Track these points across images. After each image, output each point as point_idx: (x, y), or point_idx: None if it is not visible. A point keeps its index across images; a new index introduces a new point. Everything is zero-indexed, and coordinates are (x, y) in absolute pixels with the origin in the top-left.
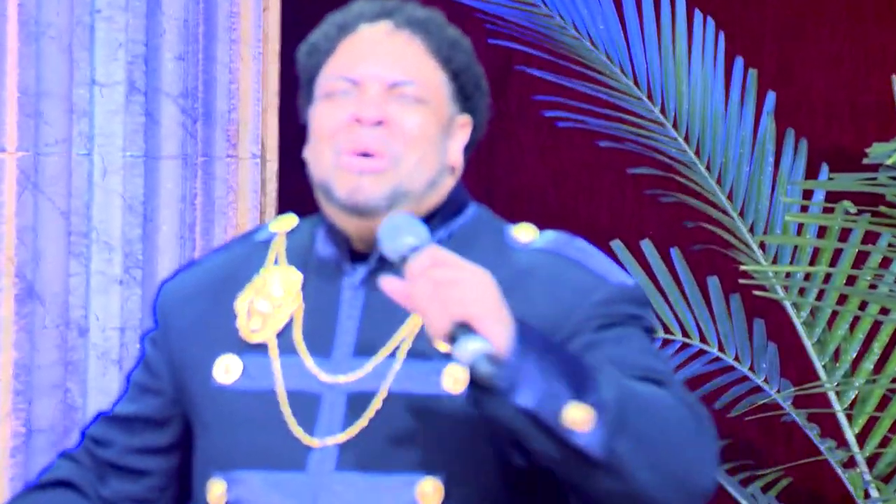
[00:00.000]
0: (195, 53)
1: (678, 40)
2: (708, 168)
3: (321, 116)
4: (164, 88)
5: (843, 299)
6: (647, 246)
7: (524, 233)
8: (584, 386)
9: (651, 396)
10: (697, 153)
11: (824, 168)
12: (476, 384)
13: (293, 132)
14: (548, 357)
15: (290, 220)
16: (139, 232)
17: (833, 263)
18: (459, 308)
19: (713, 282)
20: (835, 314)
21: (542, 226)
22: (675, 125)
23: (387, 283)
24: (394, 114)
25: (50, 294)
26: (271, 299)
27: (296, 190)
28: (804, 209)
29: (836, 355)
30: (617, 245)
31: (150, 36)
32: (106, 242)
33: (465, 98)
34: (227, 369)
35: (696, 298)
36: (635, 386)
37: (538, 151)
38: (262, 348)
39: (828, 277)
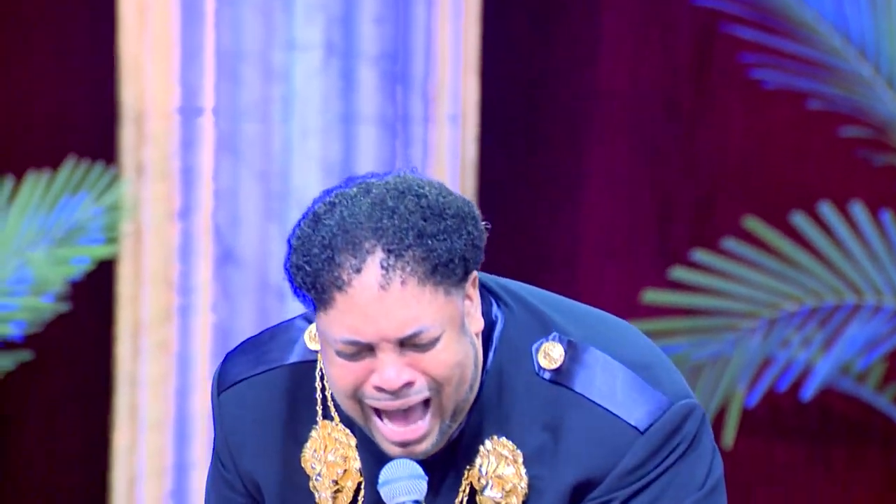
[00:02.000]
0: (393, 15)
1: None
2: None
3: (336, 372)
4: (362, 51)
5: None
6: (857, 209)
7: (549, 357)
8: None
9: None
10: None
11: None
12: None
13: (493, 94)
14: None
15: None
16: None
17: None
18: None
19: None
20: None
21: (748, 193)
22: (888, 85)
23: None
24: (416, 366)
25: (249, 257)
26: (333, 469)
27: (493, 153)
28: None
29: None
30: (825, 208)
31: None
32: (304, 205)
33: (467, 271)
34: None
35: None
36: None
37: (744, 113)
38: None
39: None
